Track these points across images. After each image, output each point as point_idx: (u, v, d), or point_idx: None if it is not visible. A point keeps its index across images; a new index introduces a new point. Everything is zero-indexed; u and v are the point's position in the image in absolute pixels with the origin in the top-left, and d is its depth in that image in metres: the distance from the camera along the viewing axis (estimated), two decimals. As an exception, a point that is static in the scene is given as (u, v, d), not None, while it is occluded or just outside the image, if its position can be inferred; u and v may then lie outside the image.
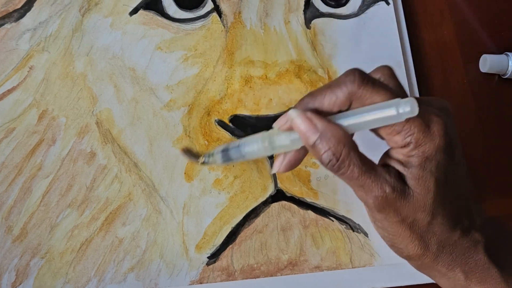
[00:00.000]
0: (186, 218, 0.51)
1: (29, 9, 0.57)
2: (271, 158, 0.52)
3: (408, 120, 0.32)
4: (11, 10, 0.57)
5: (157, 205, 0.51)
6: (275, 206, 0.52)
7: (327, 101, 0.34)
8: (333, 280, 0.50)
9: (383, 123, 0.33)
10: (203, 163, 0.42)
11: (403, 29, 0.60)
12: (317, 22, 0.59)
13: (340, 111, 0.35)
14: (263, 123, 0.53)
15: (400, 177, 0.34)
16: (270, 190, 0.52)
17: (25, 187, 0.52)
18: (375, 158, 0.36)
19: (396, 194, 0.33)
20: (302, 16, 0.59)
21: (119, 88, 0.55)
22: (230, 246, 0.50)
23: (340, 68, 0.57)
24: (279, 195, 0.52)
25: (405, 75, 0.57)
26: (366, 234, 0.50)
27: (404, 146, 0.33)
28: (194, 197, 0.52)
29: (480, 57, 0.59)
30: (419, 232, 0.34)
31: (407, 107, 0.31)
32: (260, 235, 0.51)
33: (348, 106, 0.34)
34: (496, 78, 0.59)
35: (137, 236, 0.51)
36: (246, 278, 0.50)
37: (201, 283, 0.49)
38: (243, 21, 0.58)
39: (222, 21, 0.58)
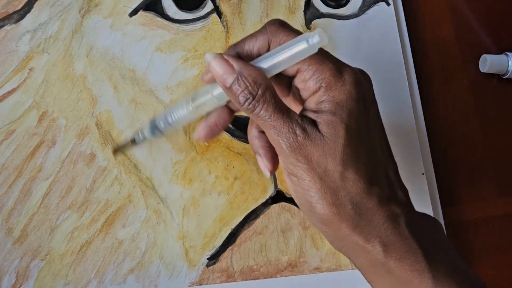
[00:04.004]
0: (185, 220, 0.51)
1: (28, 11, 0.57)
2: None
3: (321, 65, 0.33)
4: (11, 11, 0.57)
5: (157, 206, 0.51)
6: (275, 207, 0.52)
7: (247, 46, 0.35)
8: (333, 281, 0.50)
9: (298, 58, 0.33)
10: (134, 141, 0.41)
11: (404, 30, 0.60)
12: (317, 22, 0.59)
13: (260, 55, 0.35)
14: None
15: (313, 123, 0.33)
16: (270, 191, 0.52)
17: (25, 189, 0.52)
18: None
19: (307, 137, 0.33)
20: (303, 17, 0.58)
21: (119, 89, 0.55)
22: (230, 247, 0.50)
23: (340, 68, 0.56)
24: (279, 196, 0.52)
25: (405, 75, 0.56)
26: (366, 235, 0.50)
27: (316, 91, 0.34)
28: (194, 198, 0.52)
29: (480, 57, 0.59)
30: (331, 185, 0.33)
31: (316, 37, 0.32)
32: (260, 236, 0.51)
33: (267, 50, 0.35)
34: (496, 78, 0.59)
35: (137, 237, 0.51)
36: (246, 280, 0.50)
37: (200, 284, 0.49)
38: (243, 22, 0.58)
39: (222, 22, 0.58)
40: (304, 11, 0.59)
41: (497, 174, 0.56)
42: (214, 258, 0.50)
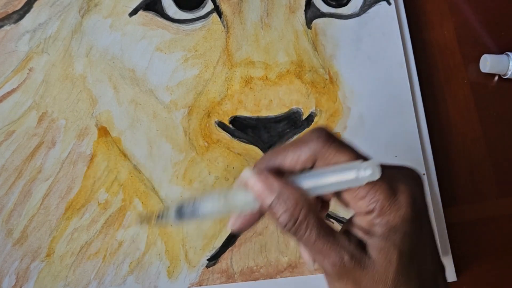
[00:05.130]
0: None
1: (28, 11, 0.57)
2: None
3: (374, 185, 0.30)
4: (10, 11, 0.57)
5: (157, 207, 0.51)
6: (275, 208, 0.51)
7: (290, 159, 0.32)
8: (333, 282, 0.50)
9: (343, 186, 0.31)
10: (157, 223, 0.40)
11: (405, 29, 0.59)
12: (318, 22, 0.58)
13: (303, 169, 0.33)
14: (264, 124, 0.53)
15: (361, 245, 0.31)
16: (270, 192, 0.52)
17: (25, 190, 0.52)
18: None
19: (355, 263, 0.30)
20: (303, 16, 0.58)
21: (119, 89, 0.55)
22: (230, 248, 0.50)
23: (341, 68, 0.56)
24: (279, 197, 0.52)
25: (406, 75, 0.56)
26: (366, 236, 0.50)
27: (368, 213, 0.31)
28: (194, 199, 0.52)
29: (480, 57, 0.59)
30: None
31: (368, 171, 0.29)
32: (260, 237, 0.51)
33: (312, 165, 0.32)
34: (496, 78, 0.59)
35: (136, 238, 0.51)
36: (246, 281, 0.50)
37: (200, 285, 0.49)
38: (244, 21, 0.58)
39: (222, 22, 0.58)
40: (304, 10, 0.59)
41: (497, 174, 0.56)
42: (214, 259, 0.50)
